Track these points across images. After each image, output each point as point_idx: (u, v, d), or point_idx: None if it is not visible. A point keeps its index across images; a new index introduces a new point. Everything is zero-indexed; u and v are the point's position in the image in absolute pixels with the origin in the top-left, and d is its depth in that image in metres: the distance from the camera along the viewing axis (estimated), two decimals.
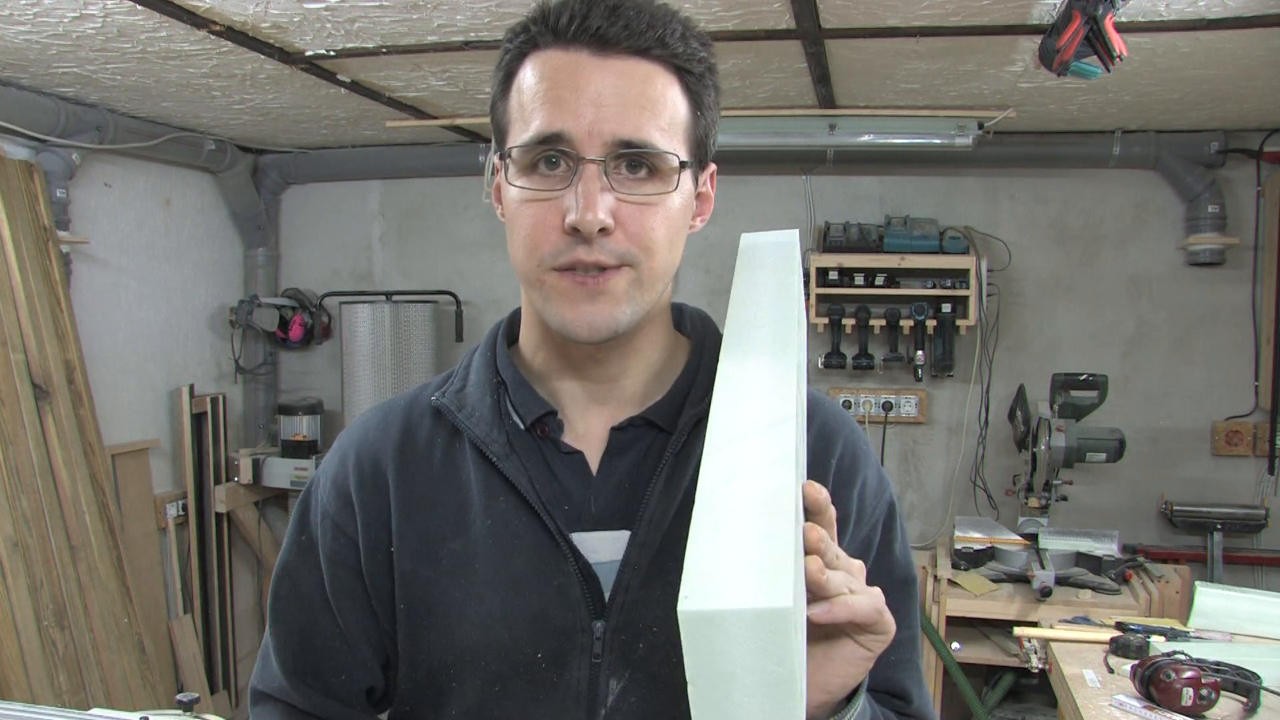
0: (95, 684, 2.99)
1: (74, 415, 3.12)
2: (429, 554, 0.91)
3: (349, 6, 2.31)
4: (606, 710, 0.87)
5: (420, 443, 0.96)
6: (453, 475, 0.93)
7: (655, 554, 0.87)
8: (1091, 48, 2.05)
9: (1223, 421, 3.65)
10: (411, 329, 3.98)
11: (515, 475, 0.89)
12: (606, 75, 0.82)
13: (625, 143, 0.82)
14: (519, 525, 0.89)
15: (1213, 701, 1.84)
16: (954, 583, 3.14)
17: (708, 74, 0.89)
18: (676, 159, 0.84)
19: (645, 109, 0.83)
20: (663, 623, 0.86)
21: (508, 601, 0.88)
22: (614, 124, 0.82)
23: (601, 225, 0.81)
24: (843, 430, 0.97)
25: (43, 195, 3.12)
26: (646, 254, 0.84)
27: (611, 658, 0.87)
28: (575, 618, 0.87)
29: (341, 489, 0.96)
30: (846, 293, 3.70)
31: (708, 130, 0.90)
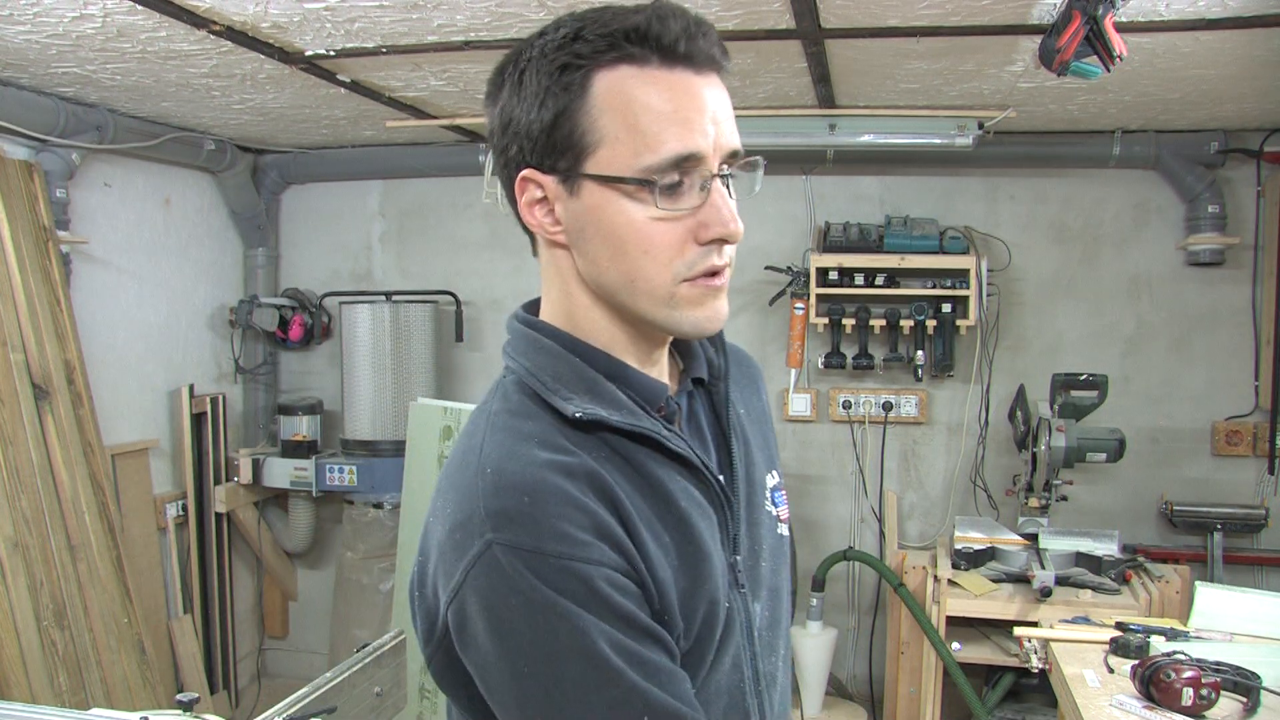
0: (95, 684, 2.99)
1: (74, 415, 3.12)
2: (658, 557, 0.87)
3: (349, 6, 2.31)
4: (758, 631, 0.97)
5: (599, 456, 0.88)
6: (636, 474, 0.89)
7: (746, 486, 1.00)
8: (1091, 48, 2.05)
9: (1223, 421, 3.65)
10: (411, 329, 3.98)
11: (682, 448, 0.93)
12: (712, 93, 0.89)
13: (734, 153, 0.91)
14: (699, 494, 0.93)
15: (1213, 701, 1.84)
16: (954, 583, 3.14)
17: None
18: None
19: (732, 119, 0.92)
20: (768, 539, 1.02)
21: (715, 565, 0.91)
22: (728, 138, 0.90)
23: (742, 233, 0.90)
24: (748, 352, 1.19)
25: (43, 195, 3.12)
26: (733, 252, 0.94)
27: (751, 584, 0.98)
28: (729, 557, 0.96)
29: (602, 529, 0.83)
30: (846, 293, 3.70)
31: None
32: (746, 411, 1.08)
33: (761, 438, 1.08)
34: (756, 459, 1.04)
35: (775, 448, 1.11)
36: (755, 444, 1.06)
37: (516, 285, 4.18)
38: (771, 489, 1.05)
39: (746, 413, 1.08)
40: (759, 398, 1.13)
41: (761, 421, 1.10)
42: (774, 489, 1.06)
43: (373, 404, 3.96)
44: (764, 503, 1.03)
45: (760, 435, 1.08)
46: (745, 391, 1.10)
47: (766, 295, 3.88)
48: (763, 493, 1.03)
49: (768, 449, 1.08)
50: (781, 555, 1.06)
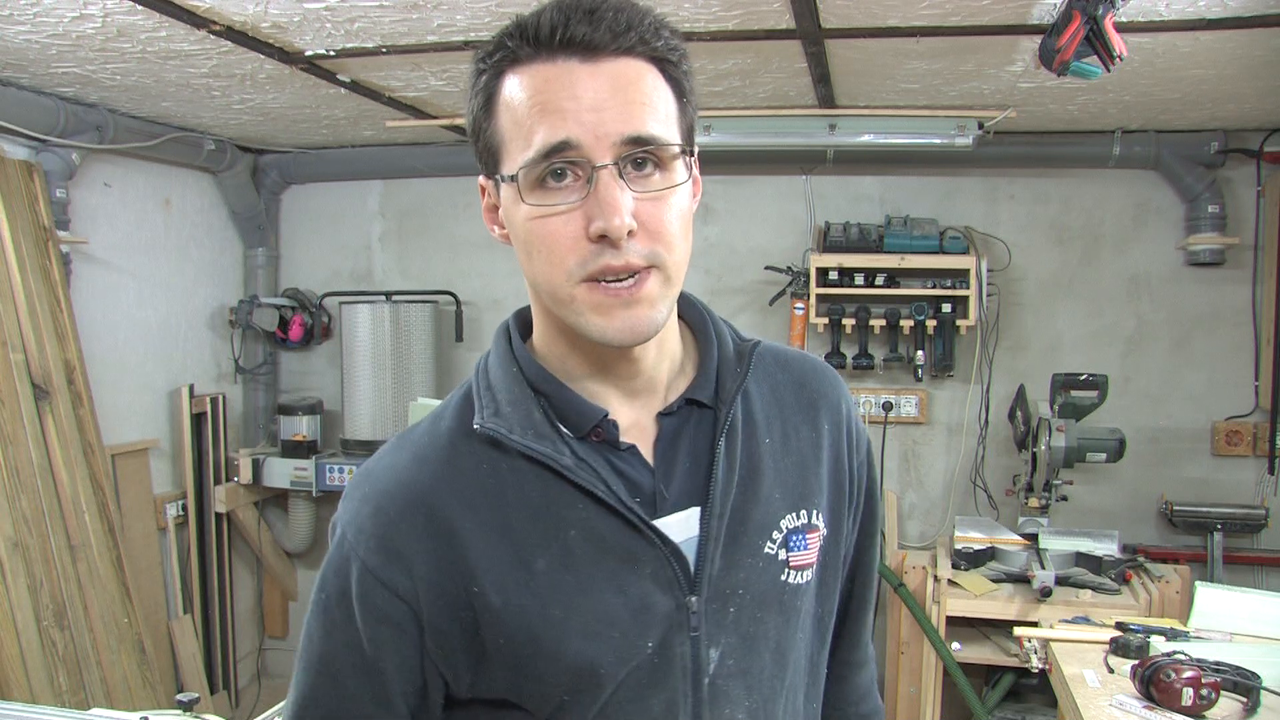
0: (95, 684, 2.99)
1: (74, 415, 3.12)
2: (519, 581, 0.88)
3: (349, 6, 2.31)
4: (709, 679, 0.92)
5: (469, 472, 0.91)
6: (515, 497, 0.90)
7: (730, 523, 0.93)
8: (1091, 48, 2.05)
9: (1223, 421, 3.65)
10: (411, 329, 3.98)
11: (590, 482, 0.89)
12: (600, 78, 0.83)
13: (634, 139, 0.83)
14: (603, 528, 0.89)
15: (1213, 701, 1.84)
16: (954, 583, 3.14)
17: (684, 61, 0.90)
18: (679, 147, 0.86)
19: (643, 104, 0.84)
20: (749, 583, 0.93)
21: (609, 603, 0.89)
22: (619, 124, 0.82)
23: (628, 227, 0.82)
24: (831, 379, 1.07)
25: (43, 195, 3.12)
26: (668, 249, 0.86)
27: (708, 628, 0.92)
28: (674, 598, 0.90)
29: (387, 543, 0.89)
30: (846, 293, 3.70)
31: (693, 117, 0.92)
32: (780, 442, 0.98)
33: (797, 473, 0.98)
34: (766, 495, 0.95)
35: (823, 485, 1.00)
36: (774, 479, 0.96)
37: (517, 285, 4.14)
38: (790, 531, 0.96)
39: (779, 443, 0.98)
40: (812, 428, 1.01)
41: (804, 454, 0.99)
42: (794, 531, 0.96)
43: (373, 404, 3.96)
44: (762, 544, 0.94)
45: (794, 470, 0.98)
46: (791, 419, 1.00)
47: (766, 295, 3.88)
48: (762, 533, 0.94)
49: (801, 486, 0.98)
50: (776, 604, 0.95)
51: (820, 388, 1.04)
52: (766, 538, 0.95)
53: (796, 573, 0.96)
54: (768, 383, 1.01)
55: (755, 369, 1.00)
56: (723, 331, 1.01)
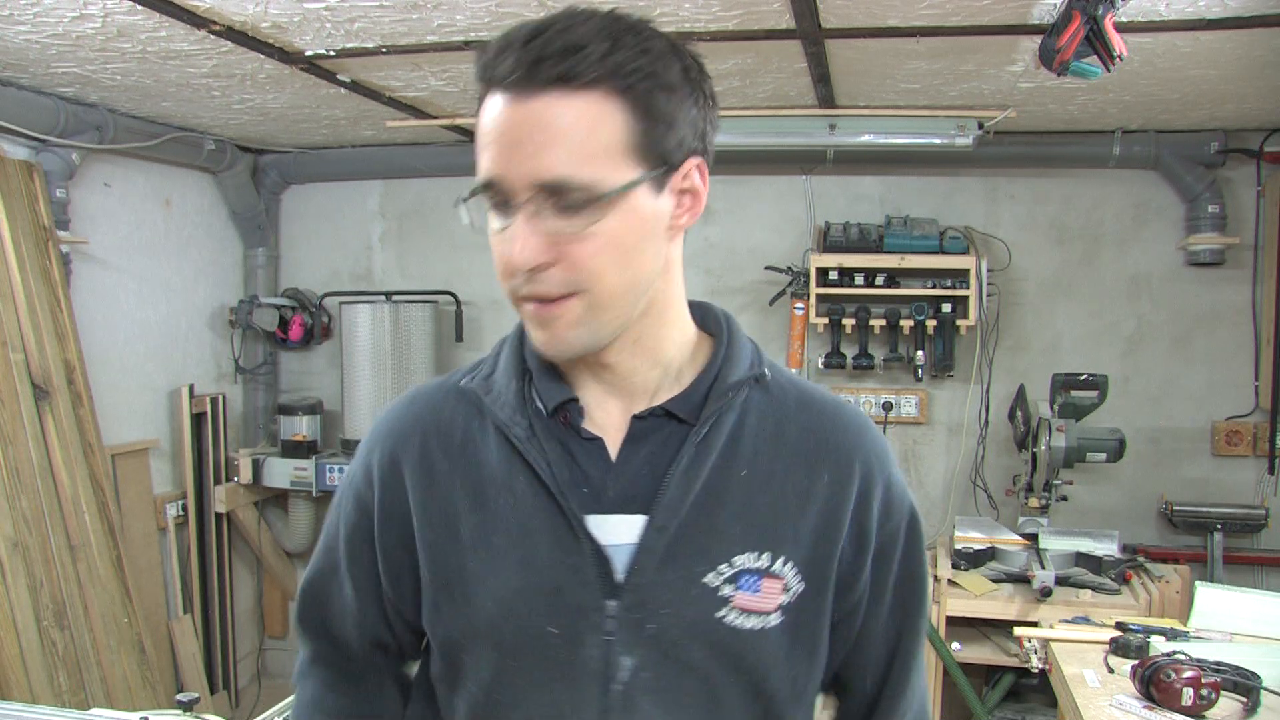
0: (95, 684, 2.99)
1: (74, 415, 3.12)
2: (450, 527, 0.97)
3: (349, 6, 2.31)
4: (621, 686, 0.92)
5: (444, 422, 1.00)
6: (474, 454, 0.97)
7: (671, 539, 0.92)
8: (1091, 48, 2.05)
9: (1223, 421, 3.65)
10: (411, 329, 3.98)
11: (535, 458, 0.94)
12: (521, 116, 0.84)
13: (541, 184, 0.84)
14: (537, 506, 0.93)
15: (1213, 701, 1.84)
16: (954, 583, 3.14)
17: (654, 76, 0.85)
18: (602, 188, 0.84)
19: (558, 145, 0.83)
20: (676, 605, 0.91)
21: (524, 577, 0.93)
22: (530, 166, 0.84)
23: (532, 265, 0.85)
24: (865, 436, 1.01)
25: (43, 195, 3.12)
26: (593, 280, 0.87)
27: (624, 635, 0.91)
28: (589, 596, 0.92)
29: (366, 464, 1.03)
30: (846, 293, 3.70)
31: (669, 131, 0.87)
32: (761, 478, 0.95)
33: (770, 514, 0.94)
34: (723, 525, 0.93)
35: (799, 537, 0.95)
36: (738, 511, 0.93)
37: None
38: (744, 570, 0.92)
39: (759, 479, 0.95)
40: (807, 474, 0.96)
41: (785, 498, 0.95)
42: (748, 572, 0.92)
43: (373, 404, 3.96)
44: (702, 572, 0.92)
45: (767, 510, 0.94)
46: (785, 459, 0.96)
47: (766, 295, 3.88)
48: (705, 561, 0.92)
49: (771, 529, 0.94)
50: (707, 639, 0.92)
51: (836, 439, 0.99)
52: (710, 567, 0.92)
53: (743, 615, 0.92)
54: (774, 417, 0.98)
55: (762, 400, 0.98)
56: (736, 354, 0.99)
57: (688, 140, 0.89)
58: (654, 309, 0.94)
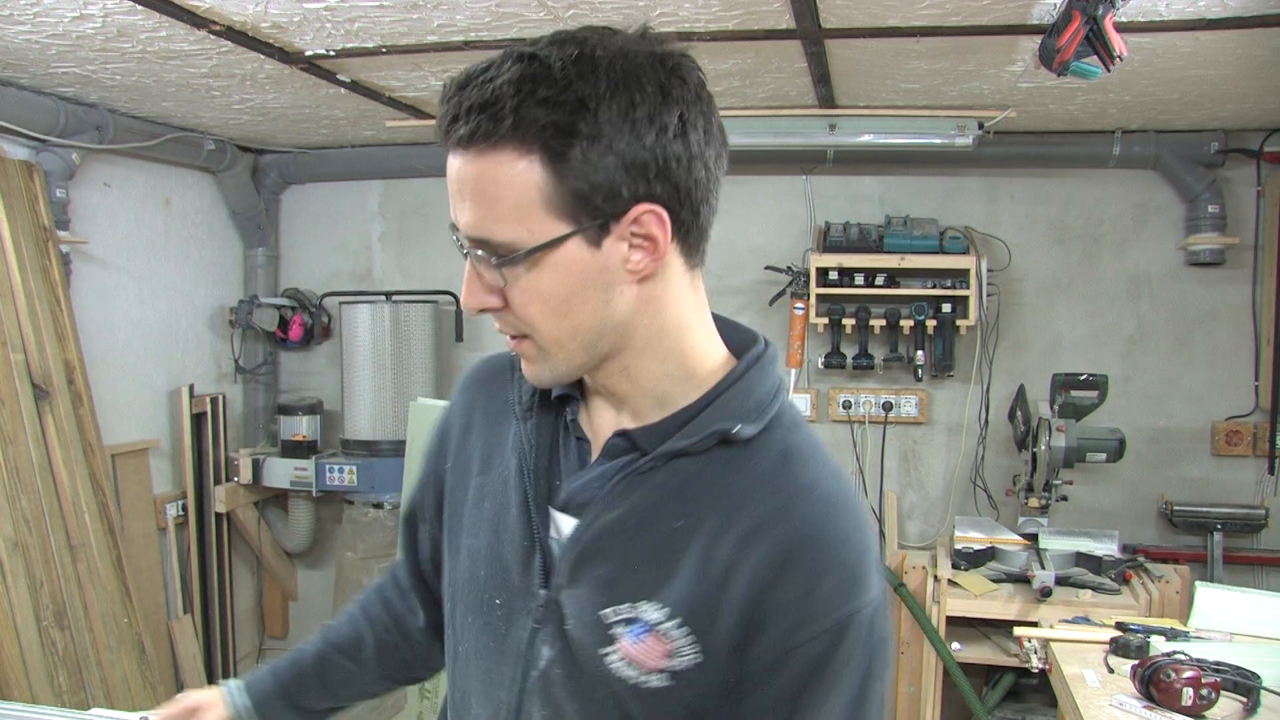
0: (95, 684, 2.99)
1: (74, 415, 3.12)
2: (464, 480, 1.05)
3: (349, 6, 2.31)
4: (537, 672, 0.94)
5: (495, 386, 1.07)
6: (499, 422, 1.04)
7: (580, 554, 0.92)
8: (1091, 48, 2.05)
9: (1223, 421, 3.65)
10: (411, 329, 3.98)
11: (523, 437, 0.99)
12: (452, 171, 0.86)
13: (472, 240, 0.86)
14: (516, 483, 0.98)
15: (1213, 701, 1.84)
16: (954, 583, 3.14)
17: (568, 131, 0.80)
18: (524, 246, 0.83)
19: (479, 204, 0.84)
20: (577, 618, 0.92)
21: (491, 545, 0.99)
22: (463, 219, 0.86)
23: (474, 310, 0.90)
24: (801, 520, 0.86)
25: (43, 195, 3.12)
26: (532, 327, 0.89)
27: (548, 627, 0.94)
28: (529, 581, 0.95)
29: (450, 402, 1.14)
30: (846, 293, 3.70)
31: (595, 184, 0.82)
32: (693, 534, 0.87)
33: (687, 572, 0.87)
34: (635, 568, 0.88)
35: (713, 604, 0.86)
36: (655, 558, 0.88)
37: None
38: (640, 619, 0.87)
39: (692, 534, 0.87)
40: (738, 549, 0.86)
41: (707, 563, 0.86)
42: (641, 622, 0.87)
43: (373, 404, 3.96)
44: (600, 602, 0.89)
45: (684, 567, 0.87)
46: (723, 525, 0.87)
47: (766, 295, 3.88)
48: (607, 594, 0.89)
49: (681, 589, 0.86)
50: (599, 675, 0.89)
51: (765, 517, 0.86)
52: (608, 602, 0.89)
53: (623, 663, 0.88)
54: (737, 478, 0.89)
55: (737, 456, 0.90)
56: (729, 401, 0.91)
57: (628, 187, 0.83)
58: (636, 345, 0.90)
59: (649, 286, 0.88)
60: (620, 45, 0.83)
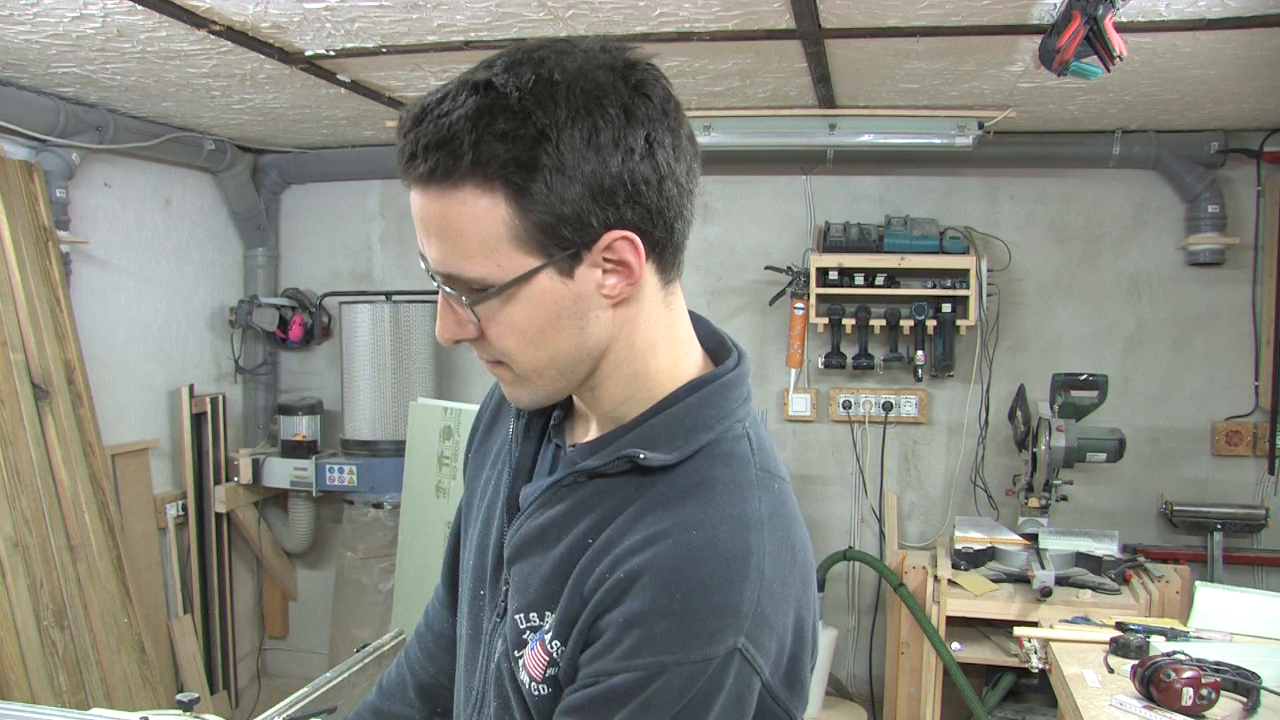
0: (95, 684, 2.99)
1: (74, 415, 3.12)
2: (479, 473, 1.08)
3: (349, 6, 2.31)
4: (493, 664, 0.95)
5: None
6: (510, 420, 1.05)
7: (510, 556, 0.94)
8: (1091, 48, 2.04)
9: (1223, 421, 3.65)
10: (411, 329, 3.98)
11: (511, 436, 1.02)
12: (416, 207, 0.84)
13: (441, 275, 0.85)
14: (502, 483, 1.01)
15: (1213, 701, 1.84)
16: (954, 583, 3.14)
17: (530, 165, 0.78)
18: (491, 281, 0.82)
19: (442, 242, 0.82)
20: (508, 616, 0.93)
21: (482, 537, 1.02)
22: (431, 254, 0.84)
23: (449, 340, 0.88)
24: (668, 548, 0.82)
25: (43, 195, 3.12)
26: (508, 357, 0.87)
27: (505, 622, 0.94)
28: (498, 575, 0.98)
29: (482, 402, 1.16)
30: (846, 293, 3.70)
31: (562, 215, 0.79)
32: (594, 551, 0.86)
33: (574, 587, 0.86)
34: (544, 577, 0.89)
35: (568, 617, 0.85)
36: (557, 571, 0.88)
37: None
38: (535, 626, 0.88)
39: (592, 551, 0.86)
40: (605, 562, 0.84)
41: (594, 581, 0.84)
42: (536, 629, 0.88)
43: (373, 404, 3.96)
44: (517, 609, 0.90)
45: (575, 582, 0.86)
46: (604, 539, 0.86)
47: (766, 295, 3.88)
48: (522, 598, 0.90)
49: (565, 602, 0.86)
50: (503, 677, 0.92)
51: (634, 541, 0.83)
52: (524, 609, 0.89)
53: (523, 671, 0.88)
54: (643, 502, 0.86)
55: (650, 479, 0.87)
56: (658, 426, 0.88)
57: (596, 215, 0.80)
58: (606, 368, 0.89)
59: (624, 309, 0.86)
60: (579, 65, 0.80)
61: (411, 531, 3.43)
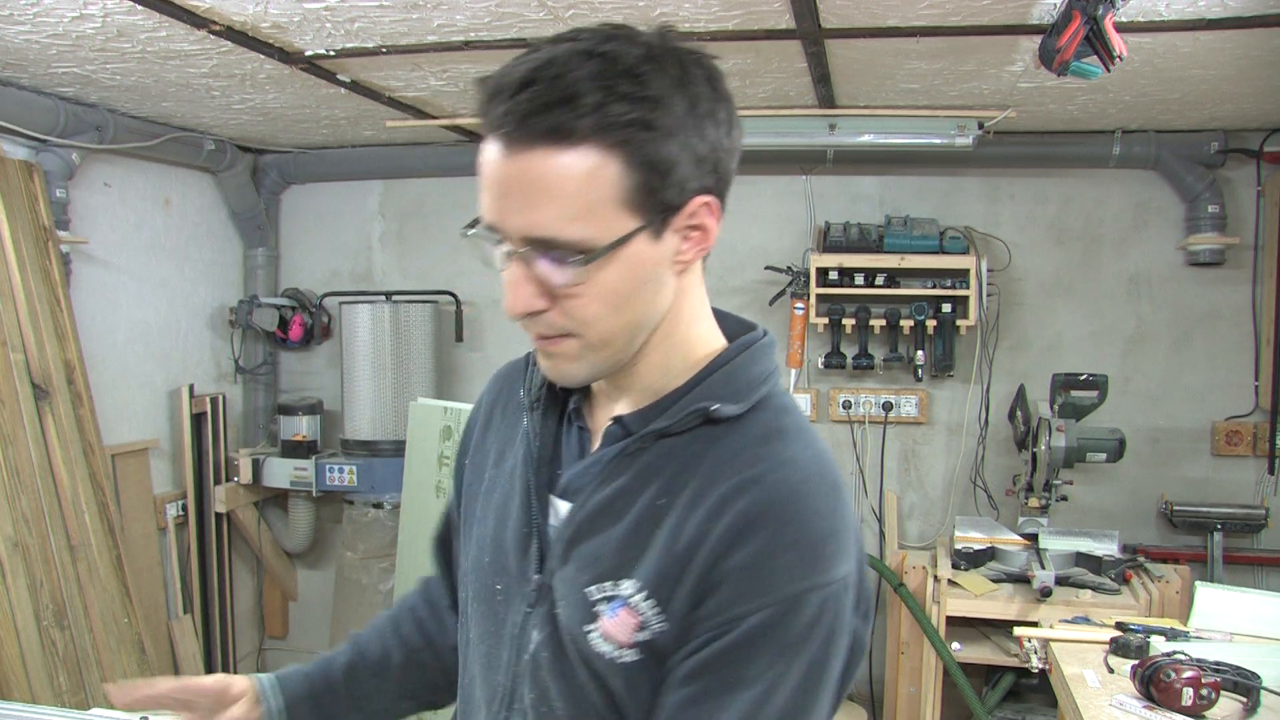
0: (95, 684, 2.99)
1: (74, 415, 3.12)
2: (479, 474, 1.08)
3: (349, 6, 2.31)
4: (528, 656, 0.95)
5: (513, 384, 1.09)
6: (515, 417, 1.06)
7: (573, 535, 0.93)
8: (1091, 48, 2.05)
9: (1223, 421, 3.65)
10: (411, 329, 3.98)
11: (528, 427, 1.01)
12: (516, 169, 0.82)
13: (530, 240, 0.84)
14: (520, 473, 1.01)
15: (1213, 701, 1.84)
16: (954, 583, 3.14)
17: (651, 126, 0.82)
18: (592, 243, 0.83)
19: (548, 202, 0.82)
20: (564, 599, 0.93)
21: (497, 533, 1.01)
22: (519, 221, 0.83)
23: (523, 313, 0.87)
24: (766, 491, 0.86)
25: (43, 195, 3.12)
26: (584, 326, 0.87)
27: (539, 611, 0.95)
28: (525, 567, 0.97)
29: (476, 403, 1.16)
30: (846, 293, 3.70)
31: (669, 178, 0.84)
32: (670, 508, 0.88)
33: (660, 546, 0.88)
34: (618, 546, 0.90)
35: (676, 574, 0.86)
36: (634, 536, 0.89)
37: None
38: (615, 595, 0.88)
39: (669, 509, 0.88)
40: (700, 513, 0.87)
41: (677, 536, 0.87)
42: (617, 597, 0.88)
43: (373, 404, 3.96)
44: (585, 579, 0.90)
45: (659, 541, 0.88)
46: (697, 499, 0.88)
47: (766, 295, 3.88)
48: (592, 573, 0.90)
49: (653, 562, 0.87)
50: (579, 651, 0.90)
51: (731, 488, 0.86)
52: (594, 580, 0.90)
53: (603, 641, 0.88)
54: (716, 454, 0.89)
55: (722, 434, 0.91)
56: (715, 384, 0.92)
57: (693, 180, 0.86)
58: (659, 334, 0.93)
59: (683, 278, 0.92)
60: (664, 44, 0.85)
61: (411, 531, 3.43)
